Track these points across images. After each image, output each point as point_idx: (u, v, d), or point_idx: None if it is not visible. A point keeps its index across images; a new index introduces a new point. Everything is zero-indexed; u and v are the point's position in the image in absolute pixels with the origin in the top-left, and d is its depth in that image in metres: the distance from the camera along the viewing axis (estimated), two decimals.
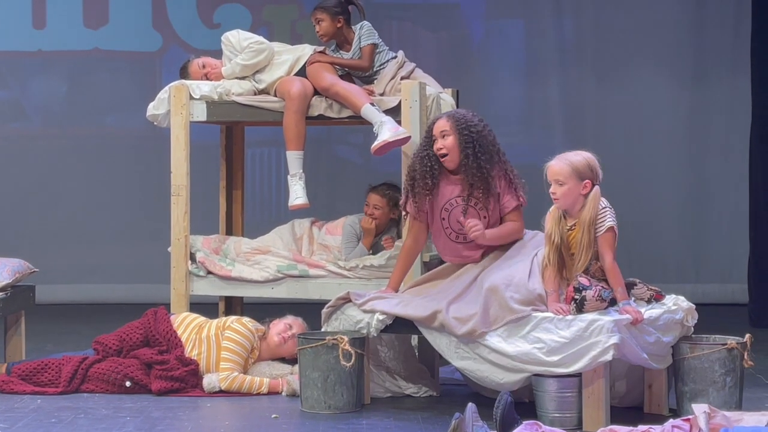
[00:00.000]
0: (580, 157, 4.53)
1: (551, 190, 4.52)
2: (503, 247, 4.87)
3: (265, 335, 5.18)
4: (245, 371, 5.08)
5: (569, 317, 4.41)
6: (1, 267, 5.29)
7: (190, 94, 5.64)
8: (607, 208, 4.50)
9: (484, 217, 4.79)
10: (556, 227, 4.52)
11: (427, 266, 5.43)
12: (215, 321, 5.23)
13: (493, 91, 8.20)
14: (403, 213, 5.06)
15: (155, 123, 5.80)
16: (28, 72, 8.31)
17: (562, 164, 4.50)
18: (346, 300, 4.87)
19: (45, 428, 4.38)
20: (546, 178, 4.55)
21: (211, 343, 5.09)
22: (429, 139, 4.87)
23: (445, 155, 4.80)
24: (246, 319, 5.21)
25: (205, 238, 5.78)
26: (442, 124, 4.81)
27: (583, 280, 4.42)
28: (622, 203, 4.65)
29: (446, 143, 4.78)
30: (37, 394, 4.96)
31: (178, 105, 5.62)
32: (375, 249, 5.69)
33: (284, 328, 5.14)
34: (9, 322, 5.48)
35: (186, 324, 5.20)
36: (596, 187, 4.49)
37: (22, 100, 8.38)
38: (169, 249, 5.67)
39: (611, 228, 4.46)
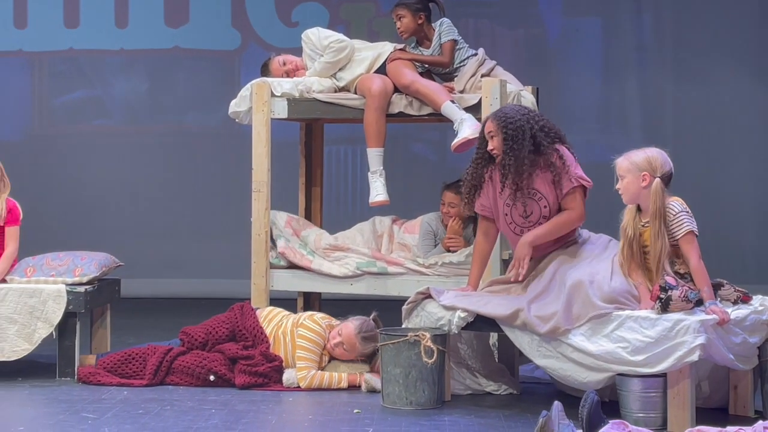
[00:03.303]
0: (641, 152, 4.59)
1: (617, 185, 4.62)
2: (578, 247, 4.86)
3: None
4: (322, 365, 5.10)
5: (654, 316, 4.38)
6: (89, 261, 5.39)
7: (272, 92, 5.69)
8: (683, 212, 4.49)
9: (545, 206, 4.81)
10: (631, 221, 4.57)
11: (506, 264, 5.42)
12: (292, 317, 5.26)
13: (570, 90, 8.16)
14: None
15: (237, 120, 5.86)
16: (110, 70, 8.48)
17: (622, 159, 4.61)
18: (426, 295, 4.88)
19: (133, 419, 4.46)
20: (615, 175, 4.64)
21: (287, 339, 5.14)
22: (483, 139, 4.91)
23: (497, 155, 4.85)
24: (318, 316, 5.22)
25: (289, 216, 5.81)
26: (488, 126, 4.87)
27: (670, 280, 4.39)
28: (701, 202, 4.64)
29: (495, 144, 4.83)
30: (123, 385, 5.06)
31: (260, 102, 5.68)
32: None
33: (334, 334, 5.11)
34: (95, 314, 5.59)
35: (269, 319, 5.25)
36: (656, 180, 4.49)
37: (105, 98, 8.55)
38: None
39: (690, 231, 4.46)
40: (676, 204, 4.52)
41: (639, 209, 4.59)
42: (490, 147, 4.85)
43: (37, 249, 5.55)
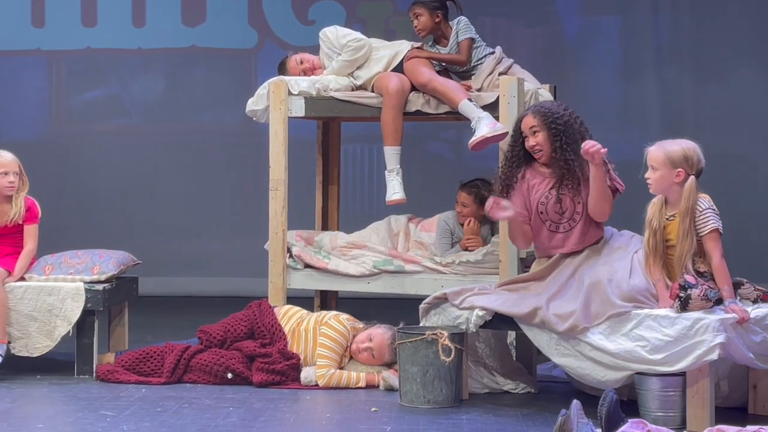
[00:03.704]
0: (677, 146, 4.53)
1: (646, 174, 4.56)
2: (600, 245, 4.84)
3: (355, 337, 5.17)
4: (341, 366, 5.10)
5: (673, 315, 4.36)
6: (107, 259, 5.41)
7: (289, 90, 5.69)
8: (710, 209, 4.47)
9: (579, 203, 4.79)
10: (657, 213, 4.54)
11: (523, 263, 5.40)
12: (314, 315, 5.27)
13: (588, 88, 8.13)
14: None
15: (254, 118, 5.86)
16: (128, 69, 8.51)
17: (657, 150, 4.54)
18: (443, 299, 4.86)
19: (151, 417, 4.47)
20: (645, 162, 4.57)
21: (309, 336, 5.14)
22: (518, 137, 4.86)
23: (539, 151, 4.80)
24: (344, 317, 5.22)
25: (296, 231, 5.83)
26: (530, 121, 4.81)
27: (690, 278, 4.37)
28: (720, 201, 4.61)
29: (538, 139, 4.79)
30: (141, 383, 5.07)
31: (277, 101, 5.68)
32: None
33: (364, 338, 5.11)
34: (113, 312, 5.60)
35: (288, 317, 5.25)
36: (691, 178, 4.46)
37: (123, 97, 8.57)
38: (266, 246, 5.72)
39: (715, 230, 4.44)
40: (703, 201, 4.50)
41: (664, 202, 4.56)
42: (531, 143, 4.80)
43: (55, 247, 5.57)
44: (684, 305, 4.34)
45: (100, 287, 5.27)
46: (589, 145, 4.61)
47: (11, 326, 5.21)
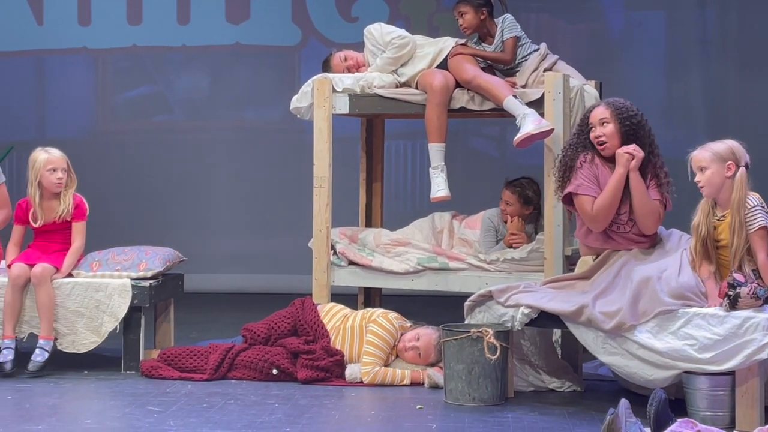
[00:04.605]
0: (719, 143, 4.52)
1: (696, 178, 4.51)
2: (649, 245, 4.81)
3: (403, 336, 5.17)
4: (387, 364, 5.10)
5: (722, 313, 4.32)
6: (153, 255, 5.45)
7: (333, 87, 5.70)
8: (759, 207, 4.44)
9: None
10: (704, 219, 4.50)
11: (568, 260, 5.37)
12: (361, 312, 5.28)
13: (633, 84, 8.06)
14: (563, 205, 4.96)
15: (298, 116, 5.88)
16: (172, 66, 8.57)
17: (702, 151, 4.51)
18: (488, 297, 4.84)
19: (197, 413, 4.50)
20: (690, 169, 4.51)
21: (355, 333, 5.14)
22: (584, 126, 4.81)
23: (604, 143, 4.75)
24: (393, 315, 5.22)
25: (340, 229, 5.84)
26: (602, 112, 4.76)
27: (738, 277, 4.32)
28: (765, 198, 4.56)
29: (606, 131, 4.73)
30: (184, 380, 5.10)
31: (321, 98, 5.69)
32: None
33: (411, 337, 5.11)
34: (159, 309, 5.64)
35: (332, 314, 5.27)
36: (742, 169, 4.43)
37: (167, 94, 8.64)
38: (309, 244, 5.73)
39: (763, 227, 4.39)
40: (752, 198, 4.46)
41: (712, 206, 4.51)
42: (598, 133, 4.74)
43: (102, 244, 5.62)
44: (733, 304, 4.30)
45: (146, 284, 5.31)
46: (630, 148, 4.60)
47: (58, 322, 5.27)
